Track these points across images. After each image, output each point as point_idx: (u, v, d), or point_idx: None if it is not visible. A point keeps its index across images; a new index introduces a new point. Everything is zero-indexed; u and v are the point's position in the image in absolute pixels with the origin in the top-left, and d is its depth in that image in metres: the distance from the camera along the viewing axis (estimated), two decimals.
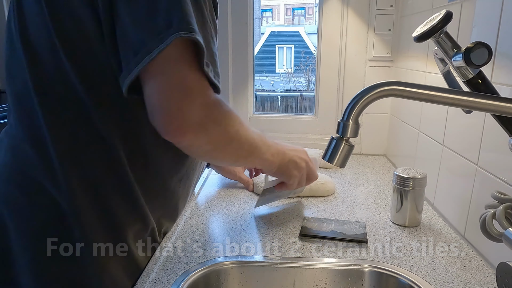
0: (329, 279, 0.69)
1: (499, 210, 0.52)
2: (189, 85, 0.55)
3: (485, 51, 0.49)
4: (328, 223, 0.82)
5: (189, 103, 0.55)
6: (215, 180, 1.12)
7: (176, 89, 0.55)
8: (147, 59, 0.52)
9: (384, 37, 1.29)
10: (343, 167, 0.75)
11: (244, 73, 1.45)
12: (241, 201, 0.97)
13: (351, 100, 0.49)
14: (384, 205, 0.94)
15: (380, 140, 1.39)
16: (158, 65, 0.54)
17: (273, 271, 0.69)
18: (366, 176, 1.16)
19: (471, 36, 0.75)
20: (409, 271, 0.66)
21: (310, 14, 6.27)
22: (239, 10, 1.39)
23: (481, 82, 0.54)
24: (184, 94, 0.55)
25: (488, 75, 0.62)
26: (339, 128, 0.51)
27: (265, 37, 4.77)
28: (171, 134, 0.56)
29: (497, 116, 0.53)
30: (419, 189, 0.80)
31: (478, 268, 0.67)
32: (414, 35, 0.55)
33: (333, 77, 1.38)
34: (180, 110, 0.55)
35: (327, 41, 1.35)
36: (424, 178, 0.80)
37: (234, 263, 0.69)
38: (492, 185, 0.66)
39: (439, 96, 0.48)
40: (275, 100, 3.08)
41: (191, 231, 0.81)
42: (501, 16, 0.65)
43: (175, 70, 0.55)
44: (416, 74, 1.07)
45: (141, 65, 0.53)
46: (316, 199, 0.98)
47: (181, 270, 0.67)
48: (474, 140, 0.73)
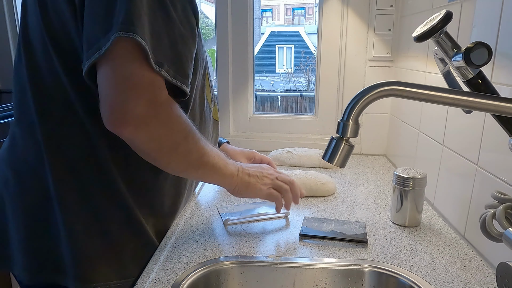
0: (329, 279, 0.69)
1: (499, 210, 0.52)
2: (136, 81, 0.58)
3: (485, 51, 0.49)
4: (328, 223, 0.82)
5: (134, 97, 0.58)
6: None
7: (123, 84, 0.57)
8: (96, 55, 0.56)
9: (384, 37, 1.29)
10: (343, 167, 0.75)
11: (244, 73, 1.45)
12: (241, 200, 0.97)
13: (351, 100, 0.49)
14: (384, 205, 0.94)
15: (380, 140, 1.39)
16: (107, 61, 0.57)
17: (273, 271, 0.69)
18: (366, 176, 1.17)
19: (471, 36, 0.75)
20: (409, 271, 0.66)
21: (310, 14, 6.27)
22: (239, 10, 1.39)
23: (481, 82, 0.54)
24: (130, 89, 0.57)
25: (488, 75, 0.62)
26: (339, 128, 0.51)
27: (265, 37, 4.77)
28: (112, 124, 0.58)
29: (497, 116, 0.53)
30: (419, 189, 0.80)
31: (478, 268, 0.67)
32: (414, 35, 0.55)
33: (333, 77, 1.38)
34: (124, 102, 0.57)
35: (327, 41, 1.35)
36: (424, 178, 0.80)
37: (234, 263, 0.69)
38: (492, 185, 0.66)
39: (439, 96, 0.48)
40: (275, 100, 3.08)
41: (191, 231, 0.81)
42: (501, 16, 0.65)
43: (124, 67, 0.57)
44: (416, 74, 1.07)
45: (91, 59, 0.57)
46: (316, 199, 0.98)
47: (181, 270, 0.67)
48: (474, 140, 0.73)
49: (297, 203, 0.83)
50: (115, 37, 0.55)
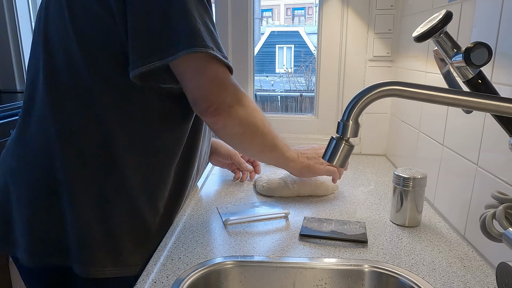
0: (329, 279, 0.69)
1: (499, 210, 0.52)
2: (222, 78, 0.70)
3: (485, 51, 0.49)
4: (328, 223, 0.82)
5: (224, 91, 0.70)
6: (215, 180, 1.12)
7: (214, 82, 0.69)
8: (169, 59, 0.65)
9: (384, 37, 1.29)
10: (343, 167, 0.75)
11: (244, 73, 1.45)
12: (241, 200, 0.97)
13: (351, 100, 0.49)
14: (384, 205, 0.94)
15: (380, 140, 1.39)
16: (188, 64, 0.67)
17: (273, 271, 0.69)
18: (366, 176, 1.17)
19: (471, 36, 0.75)
20: (409, 271, 0.66)
21: (310, 14, 6.27)
22: (239, 10, 1.39)
23: (481, 82, 0.54)
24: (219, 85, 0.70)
25: (488, 75, 0.62)
26: (339, 128, 0.51)
27: (265, 37, 4.77)
28: (210, 115, 0.70)
29: (497, 116, 0.53)
30: (419, 189, 0.80)
31: (478, 268, 0.67)
32: (414, 35, 0.55)
33: (333, 77, 1.38)
34: (217, 97, 0.70)
35: (327, 41, 1.35)
36: (424, 178, 0.80)
37: (234, 263, 0.69)
38: (492, 185, 0.66)
39: (439, 96, 0.48)
40: (275, 100, 3.08)
41: (191, 231, 0.81)
42: (501, 16, 0.65)
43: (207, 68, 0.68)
44: (416, 74, 1.07)
45: (163, 61, 0.65)
46: (316, 199, 0.98)
47: (181, 270, 0.67)
48: (474, 140, 0.73)
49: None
50: (185, 53, 0.64)
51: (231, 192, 1.03)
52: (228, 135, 0.76)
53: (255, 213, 0.88)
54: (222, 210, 0.90)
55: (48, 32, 0.72)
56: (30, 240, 0.73)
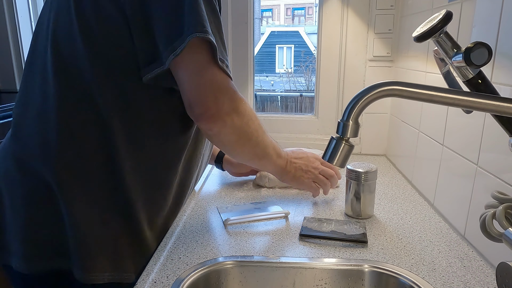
0: (329, 279, 0.69)
1: (499, 210, 0.52)
2: (219, 81, 0.68)
3: (485, 51, 0.49)
4: (328, 223, 0.82)
5: (221, 97, 0.68)
6: (215, 180, 1.12)
7: (211, 87, 0.67)
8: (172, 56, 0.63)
9: (384, 37, 1.29)
10: (343, 167, 0.74)
11: (244, 73, 1.45)
12: (241, 200, 0.97)
13: (351, 100, 0.49)
14: (384, 205, 0.94)
15: (380, 140, 1.39)
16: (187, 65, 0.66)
17: (273, 271, 0.69)
18: None
19: (471, 36, 0.75)
20: (409, 271, 0.66)
21: (310, 14, 6.27)
22: (239, 10, 1.39)
23: (481, 82, 0.54)
24: (216, 91, 0.68)
25: (488, 75, 0.62)
26: (339, 128, 0.51)
27: (265, 37, 4.77)
28: (205, 121, 0.68)
29: (497, 116, 0.53)
30: (371, 182, 0.86)
31: (478, 268, 0.67)
32: (414, 35, 0.55)
33: (333, 77, 1.38)
34: (214, 102, 0.68)
35: (327, 41, 1.35)
36: (374, 172, 0.86)
37: (234, 263, 0.69)
38: (492, 185, 0.66)
39: (439, 96, 0.48)
40: (275, 100, 3.08)
41: (191, 231, 0.81)
42: (501, 16, 0.65)
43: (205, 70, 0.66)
44: (416, 74, 1.07)
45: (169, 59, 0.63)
46: (316, 199, 0.98)
47: (181, 270, 0.67)
48: (474, 140, 0.73)
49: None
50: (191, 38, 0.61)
51: (231, 192, 1.03)
52: (220, 141, 0.75)
53: (255, 213, 0.88)
54: (222, 210, 0.90)
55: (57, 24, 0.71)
56: (26, 244, 0.71)
